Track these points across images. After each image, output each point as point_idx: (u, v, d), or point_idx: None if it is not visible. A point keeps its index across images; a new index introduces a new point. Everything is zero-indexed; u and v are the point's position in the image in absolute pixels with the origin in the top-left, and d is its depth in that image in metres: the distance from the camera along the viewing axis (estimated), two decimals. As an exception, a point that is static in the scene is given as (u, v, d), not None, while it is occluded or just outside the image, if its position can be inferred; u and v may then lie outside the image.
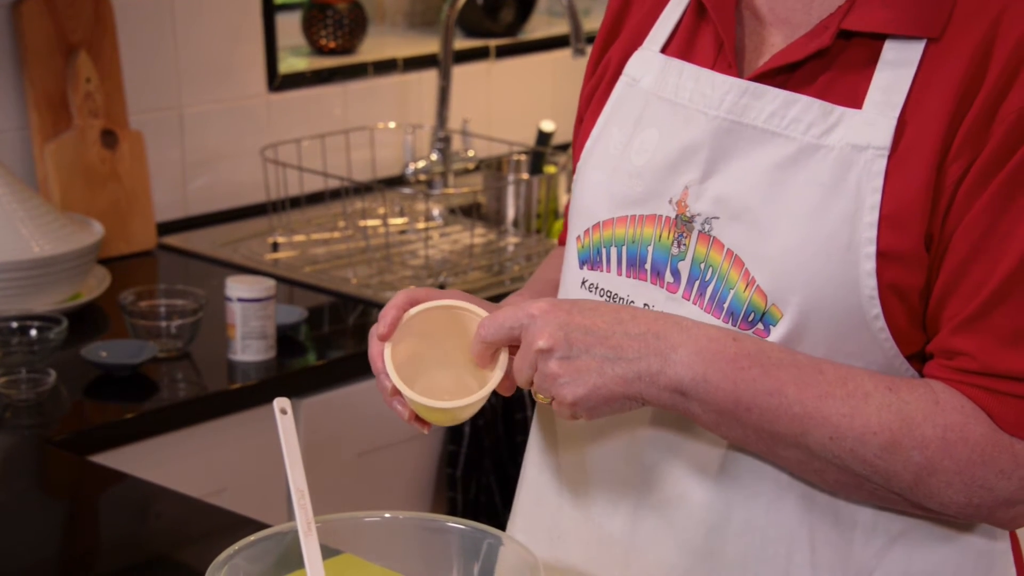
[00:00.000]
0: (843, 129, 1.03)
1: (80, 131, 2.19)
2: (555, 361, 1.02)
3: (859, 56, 1.05)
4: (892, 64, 1.03)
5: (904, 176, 1.01)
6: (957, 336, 1.02)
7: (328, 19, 2.64)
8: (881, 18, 1.03)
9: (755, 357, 1.03)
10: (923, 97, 1.02)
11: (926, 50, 1.02)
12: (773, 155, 1.05)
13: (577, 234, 1.18)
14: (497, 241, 2.49)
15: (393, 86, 2.68)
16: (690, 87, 1.10)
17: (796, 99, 1.05)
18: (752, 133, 1.06)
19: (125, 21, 2.27)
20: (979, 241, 1.01)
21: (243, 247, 2.36)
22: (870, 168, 1.02)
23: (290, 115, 2.53)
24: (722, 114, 1.08)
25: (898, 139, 1.02)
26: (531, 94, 2.89)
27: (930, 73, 1.02)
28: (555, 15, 3.05)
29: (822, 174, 1.03)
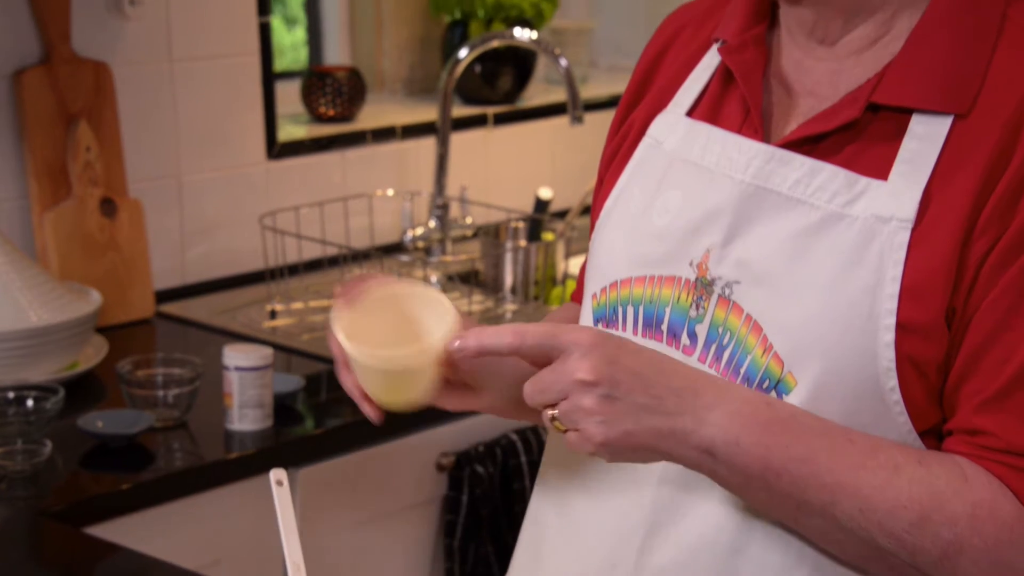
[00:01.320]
0: (868, 200, 1.04)
1: (79, 200, 2.19)
2: (595, 397, 0.99)
3: (886, 129, 1.05)
4: (919, 138, 1.04)
5: (927, 249, 1.02)
6: (980, 415, 1.02)
7: (327, 87, 2.66)
8: (910, 93, 1.04)
9: (788, 423, 1.02)
10: (950, 172, 1.02)
11: (954, 125, 1.03)
12: (797, 222, 1.06)
13: (593, 292, 1.18)
14: (495, 308, 2.49)
15: (392, 153, 2.69)
16: (717, 151, 1.11)
17: (822, 167, 1.06)
18: (777, 199, 1.07)
19: (125, 90, 2.28)
20: (1003, 319, 1.01)
21: (241, 315, 2.36)
22: (893, 240, 1.02)
23: (289, 182, 2.54)
24: (747, 179, 1.08)
25: (923, 212, 1.02)
26: (529, 161, 2.91)
27: (957, 148, 1.03)
28: (553, 83, 3.07)
29: (845, 244, 1.04)
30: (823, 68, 1.11)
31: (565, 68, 2.48)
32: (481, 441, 2.12)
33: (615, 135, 1.25)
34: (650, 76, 1.24)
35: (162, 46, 2.33)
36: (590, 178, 1.34)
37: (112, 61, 2.25)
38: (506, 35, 2.53)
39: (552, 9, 2.88)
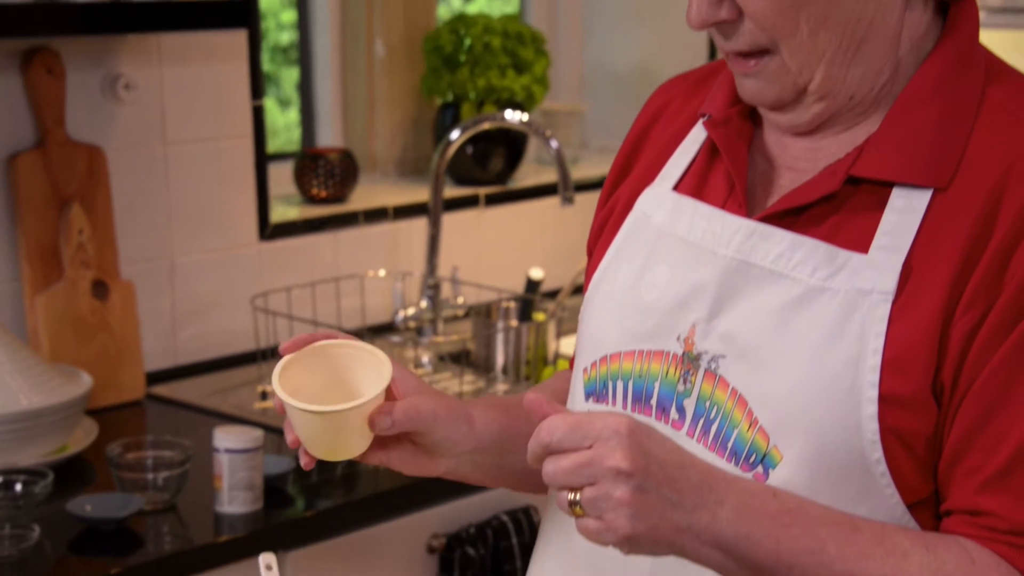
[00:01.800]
0: (849, 273, 1.05)
1: (71, 282, 2.20)
2: (628, 488, 0.97)
3: (867, 202, 1.07)
4: (899, 211, 1.05)
5: (909, 322, 1.02)
6: (981, 495, 1.02)
7: (320, 169, 2.67)
8: (890, 166, 1.06)
9: (796, 513, 1.02)
10: (930, 244, 1.03)
11: (934, 198, 1.04)
12: (779, 296, 1.07)
13: (584, 366, 1.19)
14: (486, 389, 2.48)
15: (384, 234, 2.70)
16: (702, 226, 1.13)
17: (803, 241, 1.07)
18: (760, 273, 1.08)
19: (119, 172, 2.29)
20: (998, 395, 1.01)
21: (232, 396, 2.36)
22: (874, 312, 1.03)
23: (281, 263, 2.55)
24: (731, 253, 1.10)
25: (903, 285, 1.03)
26: (520, 242, 2.92)
27: (938, 221, 1.04)
28: (544, 164, 3.09)
29: (827, 317, 1.04)
30: (801, 144, 1.13)
31: (556, 150, 2.50)
32: (472, 523, 2.11)
33: (603, 208, 1.27)
34: (637, 150, 1.26)
35: (156, 129, 2.35)
36: (581, 258, 1.35)
37: (106, 144, 2.27)
38: (497, 117, 2.55)
39: (543, 92, 2.91)
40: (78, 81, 2.23)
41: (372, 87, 2.88)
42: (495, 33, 2.83)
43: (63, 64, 2.19)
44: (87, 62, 2.24)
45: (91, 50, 2.24)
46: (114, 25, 2.11)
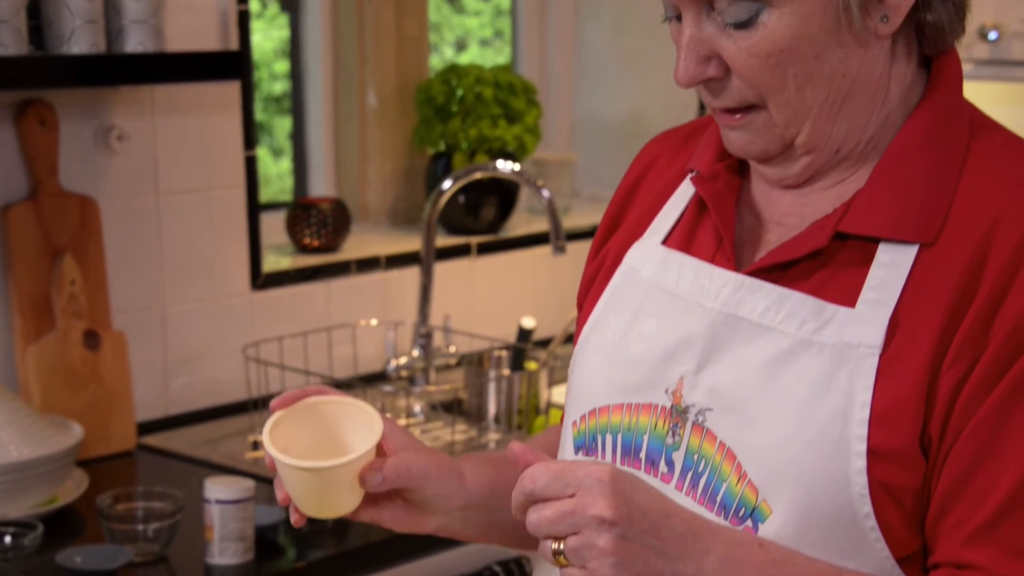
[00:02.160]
0: (836, 326, 1.05)
1: (63, 333, 2.20)
2: (612, 536, 0.98)
3: (854, 256, 1.07)
4: (886, 266, 1.06)
5: (896, 376, 1.03)
6: (967, 549, 1.02)
7: (312, 218, 2.68)
8: (877, 222, 1.06)
9: (782, 565, 1.02)
10: (916, 299, 1.04)
11: (920, 253, 1.05)
12: (767, 349, 1.07)
13: (573, 419, 1.19)
14: (479, 438, 2.48)
15: (376, 283, 2.71)
16: (689, 279, 1.13)
17: (790, 295, 1.07)
18: (747, 327, 1.09)
19: (111, 222, 2.30)
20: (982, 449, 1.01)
21: (223, 446, 2.35)
22: (861, 366, 1.03)
23: (273, 313, 2.55)
24: (718, 307, 1.10)
25: (890, 338, 1.04)
26: (512, 291, 2.93)
27: (924, 275, 1.04)
28: (535, 213, 3.10)
29: (814, 370, 1.05)
30: (789, 200, 1.14)
31: (547, 199, 2.51)
32: (464, 573, 2.10)
33: (592, 261, 1.28)
34: (627, 204, 1.27)
35: (149, 179, 2.36)
36: (572, 307, 1.36)
37: (98, 195, 2.28)
38: (489, 167, 2.56)
39: (535, 142, 2.92)
40: (71, 132, 2.24)
41: (364, 137, 2.89)
42: (487, 84, 2.84)
43: (56, 116, 2.20)
44: (80, 113, 2.25)
45: (84, 102, 2.25)
46: (107, 77, 2.12)
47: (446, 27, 3.28)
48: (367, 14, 2.84)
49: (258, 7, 2.89)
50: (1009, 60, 2.43)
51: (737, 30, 1.05)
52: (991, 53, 2.44)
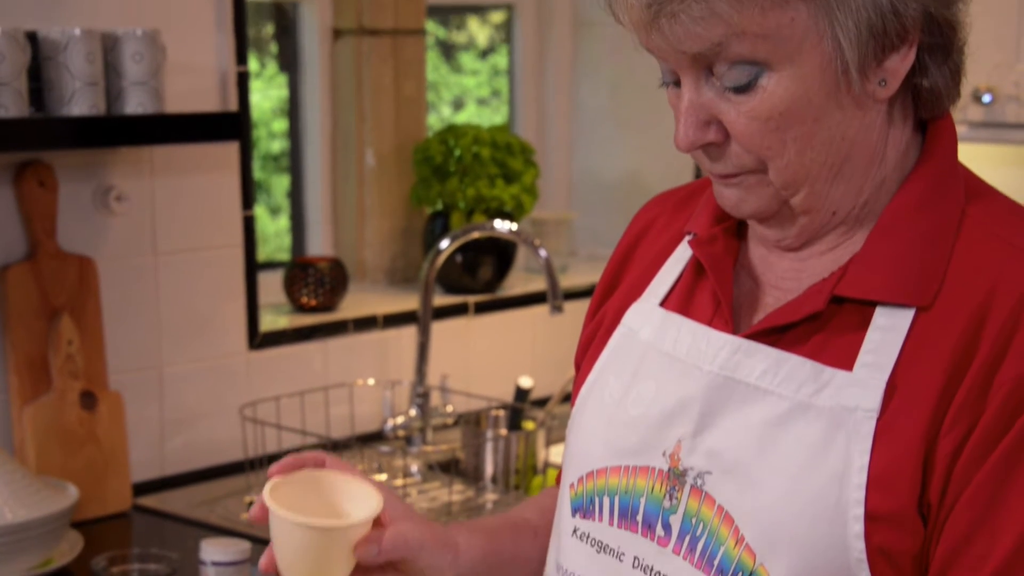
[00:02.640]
0: (833, 390, 1.05)
1: (59, 393, 2.19)
2: None
3: (850, 320, 1.07)
4: (883, 329, 1.06)
5: (893, 440, 1.03)
6: None
7: (309, 278, 2.69)
8: (874, 286, 1.07)
9: None
10: (914, 362, 1.04)
11: (917, 317, 1.05)
12: (764, 412, 1.07)
13: (571, 481, 1.19)
14: (476, 498, 2.47)
15: (373, 342, 2.71)
16: (687, 341, 1.13)
17: (788, 358, 1.07)
18: (745, 390, 1.08)
19: (109, 282, 2.30)
20: (980, 514, 1.01)
21: (219, 507, 2.34)
22: (859, 430, 1.03)
23: (270, 372, 2.55)
24: (716, 369, 1.10)
25: (887, 402, 1.03)
26: (509, 350, 2.93)
27: (921, 339, 1.04)
28: (532, 272, 3.11)
29: (812, 434, 1.04)
30: (787, 264, 1.14)
31: (545, 259, 2.51)
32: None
33: (590, 323, 1.28)
34: (624, 265, 1.27)
35: (147, 240, 2.36)
36: (570, 366, 1.36)
37: (97, 255, 2.28)
38: (487, 227, 2.57)
39: (532, 201, 2.93)
40: (70, 193, 2.25)
41: (362, 196, 2.90)
42: (485, 143, 2.86)
43: (56, 177, 2.21)
44: (79, 174, 2.26)
45: (84, 162, 2.26)
46: (107, 138, 2.13)
47: (444, 86, 3.30)
48: (365, 74, 2.86)
49: (257, 67, 2.91)
50: (1003, 123, 2.45)
51: (736, 94, 1.05)
52: (985, 116, 2.45)
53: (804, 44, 1.03)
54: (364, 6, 2.84)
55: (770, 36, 1.02)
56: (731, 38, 1.03)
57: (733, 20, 1.02)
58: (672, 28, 1.03)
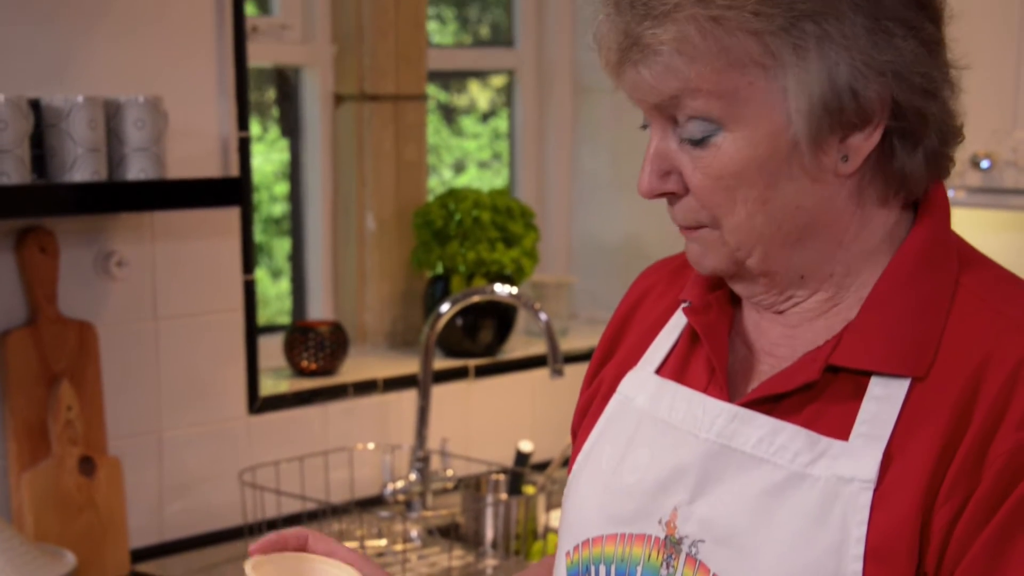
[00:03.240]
0: (829, 460, 1.05)
1: (58, 459, 2.19)
2: None
3: (846, 390, 1.07)
4: (878, 399, 1.06)
5: (890, 511, 1.02)
6: None
7: (310, 342, 2.69)
8: (869, 356, 1.07)
9: None
10: (909, 434, 1.04)
11: (912, 387, 1.05)
12: (760, 481, 1.07)
13: (567, 549, 1.18)
14: (476, 563, 2.46)
15: (373, 406, 2.70)
16: (683, 409, 1.13)
17: (784, 427, 1.07)
18: (740, 458, 1.08)
19: (109, 347, 2.30)
20: None
21: (218, 573, 2.33)
22: (856, 501, 1.03)
23: (270, 437, 2.55)
24: (712, 437, 1.10)
25: (884, 473, 1.03)
26: (510, 414, 2.92)
27: (916, 410, 1.05)
28: (533, 335, 3.11)
29: (808, 504, 1.04)
30: (779, 331, 1.14)
31: (545, 322, 2.51)
32: None
33: (587, 390, 1.28)
34: (621, 333, 1.28)
35: (147, 305, 2.37)
36: (570, 430, 1.37)
37: (97, 320, 2.28)
38: (487, 291, 2.57)
39: (532, 265, 2.94)
40: (71, 259, 2.25)
41: (363, 260, 2.91)
42: (485, 207, 2.87)
43: (57, 242, 2.21)
44: (80, 240, 2.27)
45: (85, 228, 2.27)
46: (109, 205, 2.14)
47: (445, 149, 3.32)
48: (366, 139, 2.88)
49: (259, 131, 2.93)
50: (1002, 188, 2.46)
51: (693, 148, 1.07)
52: (984, 181, 2.46)
53: (758, 109, 1.04)
54: (365, 72, 2.86)
55: (724, 96, 1.04)
56: (686, 93, 1.04)
57: (687, 76, 1.03)
58: (634, 76, 1.05)
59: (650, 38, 1.03)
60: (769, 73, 1.03)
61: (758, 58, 1.02)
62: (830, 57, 1.03)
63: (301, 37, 2.84)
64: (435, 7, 3.21)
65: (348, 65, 2.87)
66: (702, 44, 1.02)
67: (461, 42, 3.29)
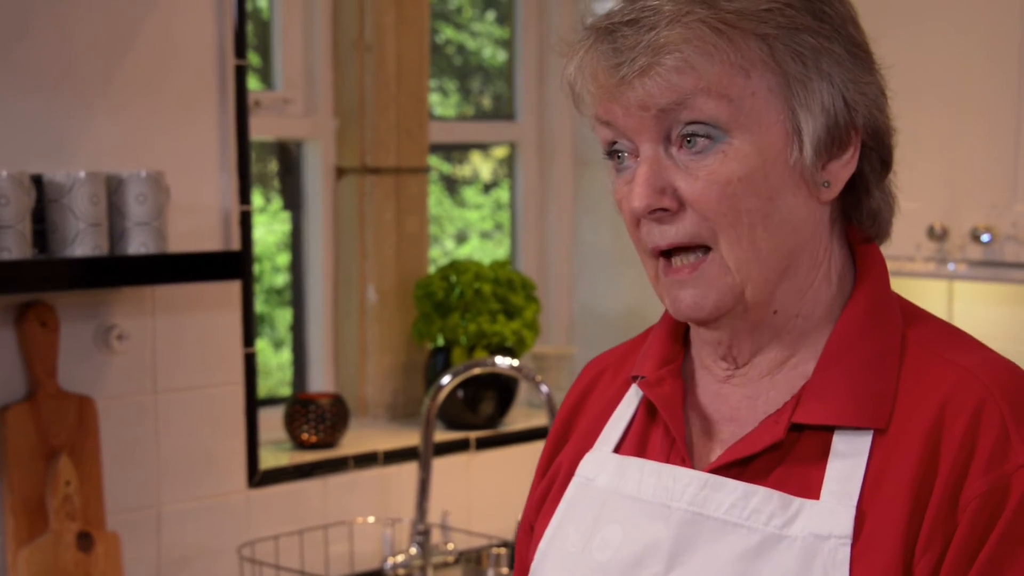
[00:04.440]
0: (804, 519, 1.06)
1: (56, 535, 2.18)
2: None
3: (811, 447, 1.09)
4: (843, 455, 1.07)
5: (870, 565, 1.03)
6: None
7: (310, 414, 2.68)
8: (829, 411, 1.08)
9: None
10: (879, 487, 1.05)
11: (875, 440, 1.07)
12: (736, 546, 1.07)
13: None
14: (476, 640, 2.44)
15: (373, 479, 2.69)
16: (652, 482, 1.14)
17: (756, 491, 1.08)
18: (714, 525, 1.09)
19: (108, 421, 2.30)
20: None
21: (216, 650, 2.31)
22: (835, 557, 1.04)
23: (270, 510, 2.53)
24: (684, 506, 1.11)
25: (859, 528, 1.05)
26: (511, 486, 2.90)
27: (883, 463, 1.06)
28: (534, 407, 3.10)
29: (788, 565, 1.05)
30: (740, 394, 1.15)
31: (546, 394, 2.51)
32: None
33: (541, 480, 1.28)
34: (573, 419, 1.29)
35: (147, 378, 2.36)
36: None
37: (97, 394, 2.28)
38: (488, 363, 2.57)
39: (534, 336, 2.93)
40: (71, 333, 2.25)
41: (364, 332, 2.91)
42: (486, 280, 2.87)
43: (57, 317, 2.22)
44: (81, 314, 2.27)
45: (86, 302, 2.27)
46: (109, 279, 2.14)
47: (447, 220, 3.33)
48: (368, 211, 2.89)
49: (262, 202, 2.94)
50: (1002, 262, 2.46)
51: (696, 157, 1.08)
52: (984, 255, 2.47)
53: (765, 117, 1.07)
54: (367, 145, 2.87)
55: (733, 100, 1.06)
56: (699, 93, 1.06)
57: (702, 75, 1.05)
58: (643, 83, 1.07)
59: (663, 40, 1.05)
60: (774, 80, 1.06)
61: (765, 63, 1.06)
62: (826, 72, 1.07)
63: (303, 111, 2.86)
64: (437, 79, 3.23)
65: (350, 138, 2.89)
66: (716, 43, 1.05)
67: (463, 113, 3.31)
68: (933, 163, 2.52)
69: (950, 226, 2.50)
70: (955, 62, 2.53)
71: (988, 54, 2.49)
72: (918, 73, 2.56)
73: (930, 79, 2.55)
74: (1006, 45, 2.47)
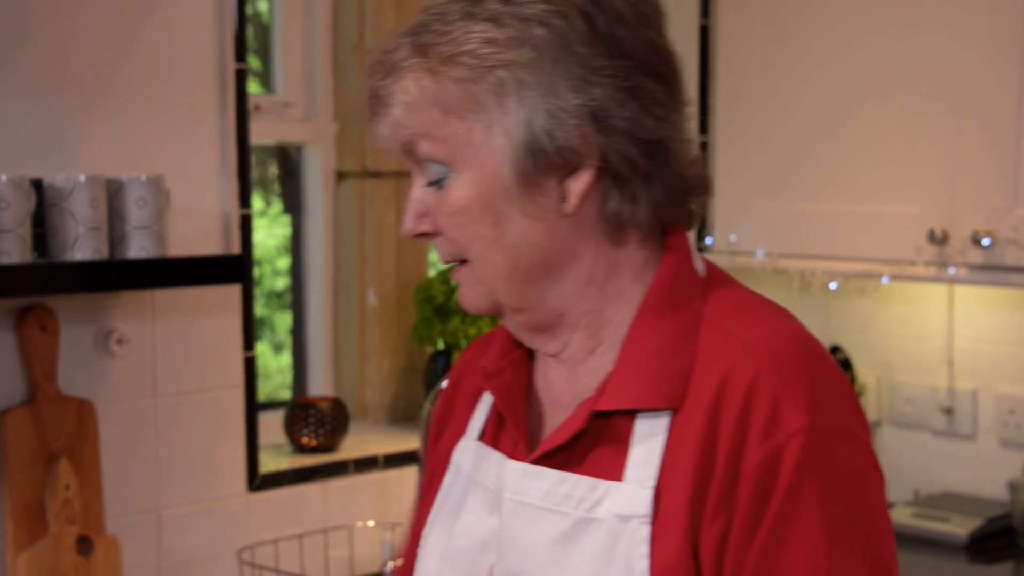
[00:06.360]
0: (610, 502, 1.12)
1: (55, 539, 2.17)
2: None
3: (617, 432, 1.15)
4: (644, 437, 1.13)
5: (666, 541, 1.09)
6: None
7: (310, 418, 2.68)
8: (628, 396, 1.14)
9: None
10: (673, 464, 1.11)
11: (672, 421, 1.12)
12: (550, 531, 1.14)
13: None
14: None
15: (373, 483, 2.69)
16: (493, 472, 1.22)
17: (567, 478, 1.15)
18: (533, 512, 1.16)
19: (108, 425, 2.30)
20: None
21: (215, 654, 2.31)
22: (636, 536, 1.10)
23: (269, 514, 2.53)
24: (510, 495, 1.18)
25: (657, 506, 1.10)
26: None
27: (677, 442, 1.11)
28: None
29: (596, 546, 1.12)
30: (562, 379, 1.21)
31: (546, 400, 2.51)
32: None
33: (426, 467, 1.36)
34: (449, 411, 1.35)
35: (147, 382, 2.36)
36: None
37: (97, 398, 2.28)
38: (487, 367, 2.57)
39: (533, 339, 2.93)
40: (71, 337, 2.25)
41: (364, 335, 2.91)
42: (486, 283, 2.87)
43: (57, 321, 2.21)
44: (81, 318, 2.27)
45: (86, 306, 2.27)
46: (109, 283, 2.14)
47: (447, 224, 3.33)
48: (368, 215, 2.89)
49: (262, 205, 2.94)
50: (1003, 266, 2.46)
51: (434, 189, 1.16)
52: (985, 259, 2.47)
53: (477, 153, 1.13)
54: (367, 149, 2.87)
55: (446, 141, 1.14)
56: (416, 137, 1.15)
57: (410, 125, 1.15)
58: (382, 124, 1.18)
59: (382, 91, 1.17)
60: (482, 119, 1.13)
61: (468, 106, 1.12)
62: (527, 104, 1.12)
63: (304, 114, 2.86)
64: (437, 83, 3.23)
65: (350, 142, 2.89)
66: (419, 95, 1.14)
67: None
68: (934, 167, 2.51)
69: (951, 230, 2.49)
70: (956, 65, 2.53)
71: (989, 58, 2.49)
72: (919, 76, 2.56)
73: (931, 82, 2.55)
74: (1007, 49, 2.47)
